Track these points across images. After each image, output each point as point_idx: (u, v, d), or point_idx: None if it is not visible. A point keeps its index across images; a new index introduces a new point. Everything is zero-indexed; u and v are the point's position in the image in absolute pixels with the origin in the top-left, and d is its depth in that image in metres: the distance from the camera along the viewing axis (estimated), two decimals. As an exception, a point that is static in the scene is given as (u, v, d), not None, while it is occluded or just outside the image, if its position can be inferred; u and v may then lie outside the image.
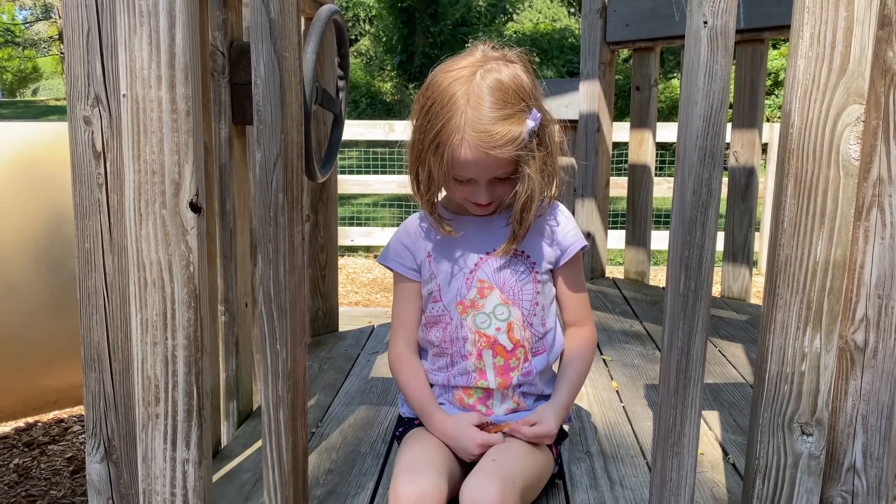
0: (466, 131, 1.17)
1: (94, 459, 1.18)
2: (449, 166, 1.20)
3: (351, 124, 5.21)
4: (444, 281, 1.33)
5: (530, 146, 1.21)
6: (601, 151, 3.03)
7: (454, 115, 1.18)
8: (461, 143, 1.17)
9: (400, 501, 1.11)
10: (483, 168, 1.20)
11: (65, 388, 2.69)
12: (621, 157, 4.99)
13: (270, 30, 1.04)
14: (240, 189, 1.60)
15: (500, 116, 1.17)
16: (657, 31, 2.83)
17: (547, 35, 15.69)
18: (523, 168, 1.21)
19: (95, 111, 1.10)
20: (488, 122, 1.17)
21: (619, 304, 2.74)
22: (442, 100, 1.19)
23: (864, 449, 1.10)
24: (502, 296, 1.30)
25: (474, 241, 1.32)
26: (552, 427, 1.27)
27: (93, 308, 1.15)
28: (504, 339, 1.30)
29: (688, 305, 1.02)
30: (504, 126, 1.17)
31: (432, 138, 1.20)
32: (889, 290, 1.06)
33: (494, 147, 1.17)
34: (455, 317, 1.31)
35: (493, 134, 1.16)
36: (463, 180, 1.23)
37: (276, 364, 1.12)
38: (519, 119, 1.19)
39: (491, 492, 1.10)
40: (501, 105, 1.18)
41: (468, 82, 1.19)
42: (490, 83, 1.18)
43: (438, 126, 1.19)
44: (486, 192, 1.24)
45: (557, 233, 1.34)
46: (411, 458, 1.22)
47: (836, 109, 1.02)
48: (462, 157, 1.18)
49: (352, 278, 5.23)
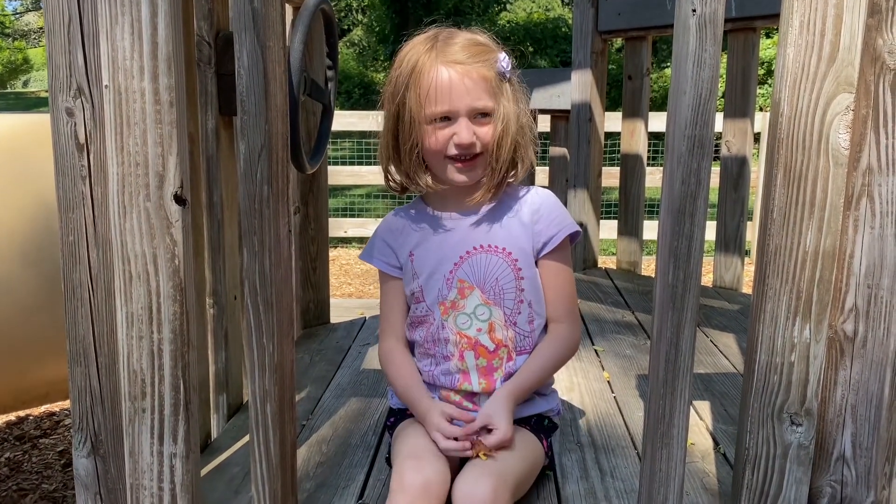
0: (438, 58, 1.20)
1: (81, 454, 1.18)
2: (424, 99, 1.19)
3: (344, 115, 5.19)
4: (425, 281, 1.30)
5: (504, 84, 1.23)
6: (593, 141, 3.02)
7: (423, 53, 1.21)
8: (433, 67, 1.20)
9: (406, 489, 1.10)
10: (459, 92, 1.19)
11: (55, 382, 2.68)
12: (614, 147, 4.98)
13: (254, 19, 1.03)
14: (227, 180, 1.58)
15: (471, 43, 1.23)
16: (649, 20, 2.81)
17: (540, 25, 15.65)
18: (499, 100, 1.22)
19: (78, 102, 1.09)
20: (459, 49, 1.21)
21: (611, 294, 2.74)
22: (409, 49, 1.24)
23: (854, 439, 1.10)
24: (483, 296, 1.28)
25: (455, 240, 1.30)
26: (506, 430, 1.18)
27: (78, 301, 1.14)
28: (486, 340, 1.28)
29: (676, 296, 1.02)
30: (474, 51, 1.22)
31: (405, 79, 1.22)
32: (878, 279, 1.06)
33: (467, 62, 1.19)
34: (437, 317, 1.30)
35: (464, 56, 1.20)
36: (440, 117, 1.21)
37: (263, 358, 1.11)
38: (489, 50, 1.23)
39: (483, 489, 1.09)
40: (471, 42, 1.23)
41: (435, 34, 1.24)
42: (458, 33, 1.25)
43: (408, 67, 1.22)
44: (468, 128, 1.21)
45: (541, 220, 1.29)
46: (415, 446, 1.20)
47: (825, 98, 1.01)
48: (436, 82, 1.19)
49: (345, 270, 5.22)
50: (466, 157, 1.23)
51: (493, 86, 1.21)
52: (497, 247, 1.28)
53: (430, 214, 1.33)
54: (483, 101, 1.20)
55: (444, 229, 1.31)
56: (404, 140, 1.24)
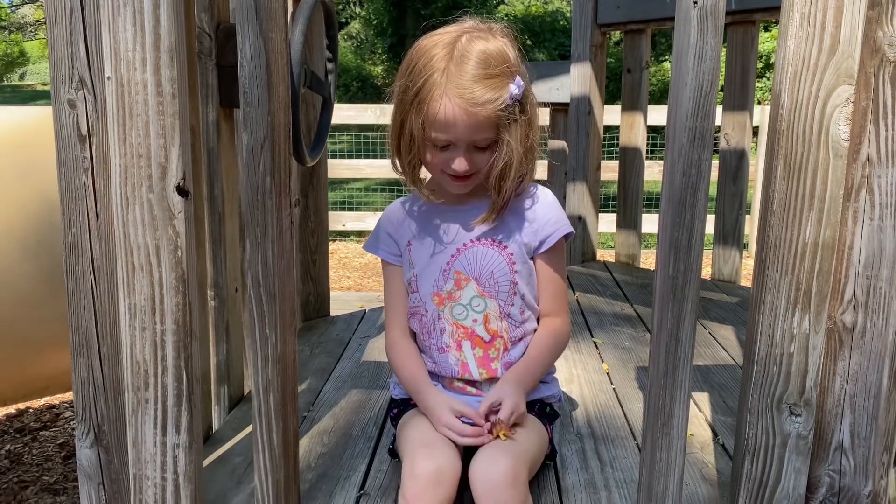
0: (448, 87, 1.16)
1: (84, 445, 1.18)
2: (429, 125, 1.18)
3: (342, 108, 5.18)
4: (420, 271, 1.31)
5: (512, 114, 1.19)
6: (592, 134, 3.02)
7: (436, 71, 1.17)
8: (442, 98, 1.16)
9: (418, 477, 1.11)
10: (462, 128, 1.17)
11: (56, 374, 2.68)
12: (612, 140, 4.98)
13: (256, 10, 1.03)
14: (228, 173, 1.59)
15: (483, 75, 1.17)
16: (648, 13, 2.81)
17: (538, 18, 15.61)
18: (503, 134, 1.19)
19: (80, 94, 1.09)
20: (471, 79, 1.16)
21: (609, 287, 2.75)
22: (425, 58, 1.19)
23: (852, 428, 1.11)
24: (478, 287, 1.29)
25: (452, 232, 1.31)
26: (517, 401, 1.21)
27: (80, 293, 1.14)
28: (481, 331, 1.29)
29: (677, 287, 1.02)
30: (486, 84, 1.16)
31: (413, 95, 1.19)
32: (877, 270, 1.06)
33: (475, 104, 1.15)
34: (430, 308, 1.30)
35: (474, 91, 1.15)
36: (441, 144, 1.20)
37: (266, 348, 1.12)
38: (502, 82, 1.18)
39: (503, 467, 1.10)
40: (485, 66, 1.17)
41: (453, 43, 1.19)
42: (475, 46, 1.18)
43: (420, 82, 1.18)
44: (465, 158, 1.20)
45: (538, 220, 1.31)
46: (425, 435, 1.20)
47: (825, 90, 1.02)
48: (442, 114, 1.16)
49: (343, 263, 5.22)
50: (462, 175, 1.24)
51: (499, 121, 1.18)
52: (494, 240, 1.29)
53: (430, 206, 1.33)
54: (484, 136, 1.19)
55: (442, 221, 1.32)
56: (405, 151, 1.24)
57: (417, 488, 1.10)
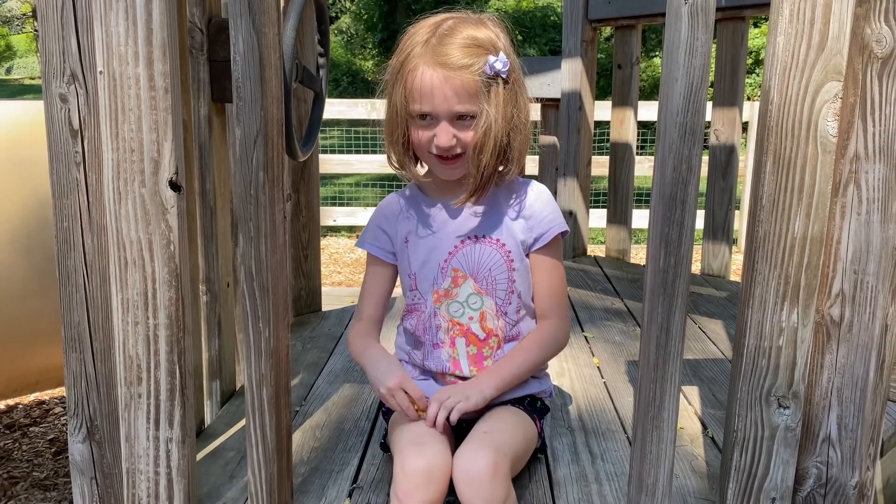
0: (426, 56, 1.18)
1: (77, 439, 1.18)
2: (409, 96, 1.19)
3: (332, 103, 5.16)
4: (419, 269, 1.31)
5: (494, 86, 1.19)
6: (583, 130, 3.03)
7: (418, 44, 1.20)
8: (420, 66, 1.18)
9: (409, 475, 1.11)
10: (440, 97, 1.17)
11: (46, 370, 2.67)
12: (603, 135, 5.00)
13: (249, 5, 1.03)
14: (220, 168, 1.58)
15: (464, 44, 1.18)
16: (639, 9, 2.82)
17: (529, 13, 15.60)
18: (482, 103, 1.19)
19: (72, 88, 1.08)
20: (450, 47, 1.18)
21: (600, 281, 2.76)
22: (409, 35, 1.22)
23: (839, 421, 1.13)
24: (476, 285, 1.29)
25: (450, 229, 1.31)
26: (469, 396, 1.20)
27: (72, 287, 1.14)
28: (477, 328, 1.29)
29: (667, 281, 1.03)
30: (465, 52, 1.18)
31: (397, 70, 1.21)
32: (865, 265, 1.08)
33: (451, 69, 1.16)
34: (429, 305, 1.31)
35: (451, 55, 1.17)
36: (421, 115, 1.20)
37: (259, 342, 1.12)
38: (482, 51, 1.19)
39: (483, 461, 1.11)
40: (469, 41, 1.19)
41: (439, 23, 1.22)
42: (463, 29, 1.20)
43: (403, 56, 1.21)
44: (447, 132, 1.19)
45: (534, 216, 1.30)
46: (415, 432, 1.20)
47: (814, 86, 1.03)
48: (419, 82, 1.18)
49: (335, 258, 5.22)
50: (449, 155, 1.23)
51: (479, 90, 1.18)
52: (491, 238, 1.29)
53: (426, 201, 1.33)
54: (465, 106, 1.19)
55: (439, 218, 1.32)
56: (392, 129, 1.25)
57: (409, 486, 1.11)
